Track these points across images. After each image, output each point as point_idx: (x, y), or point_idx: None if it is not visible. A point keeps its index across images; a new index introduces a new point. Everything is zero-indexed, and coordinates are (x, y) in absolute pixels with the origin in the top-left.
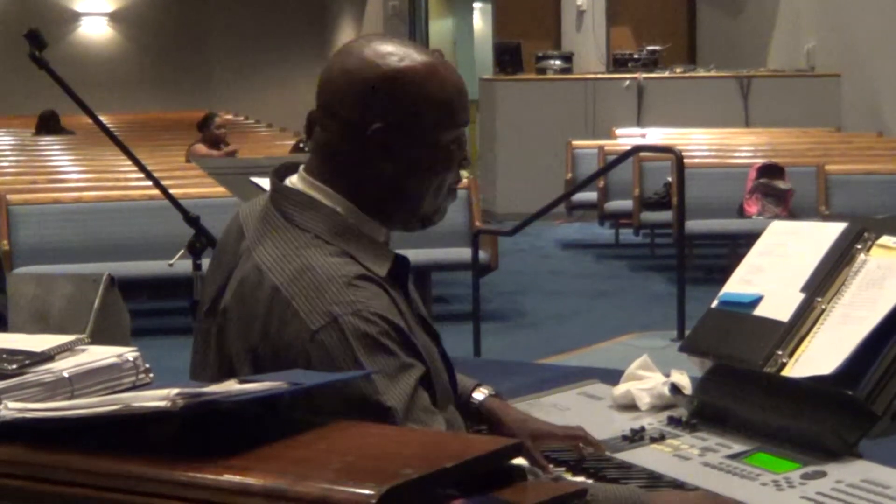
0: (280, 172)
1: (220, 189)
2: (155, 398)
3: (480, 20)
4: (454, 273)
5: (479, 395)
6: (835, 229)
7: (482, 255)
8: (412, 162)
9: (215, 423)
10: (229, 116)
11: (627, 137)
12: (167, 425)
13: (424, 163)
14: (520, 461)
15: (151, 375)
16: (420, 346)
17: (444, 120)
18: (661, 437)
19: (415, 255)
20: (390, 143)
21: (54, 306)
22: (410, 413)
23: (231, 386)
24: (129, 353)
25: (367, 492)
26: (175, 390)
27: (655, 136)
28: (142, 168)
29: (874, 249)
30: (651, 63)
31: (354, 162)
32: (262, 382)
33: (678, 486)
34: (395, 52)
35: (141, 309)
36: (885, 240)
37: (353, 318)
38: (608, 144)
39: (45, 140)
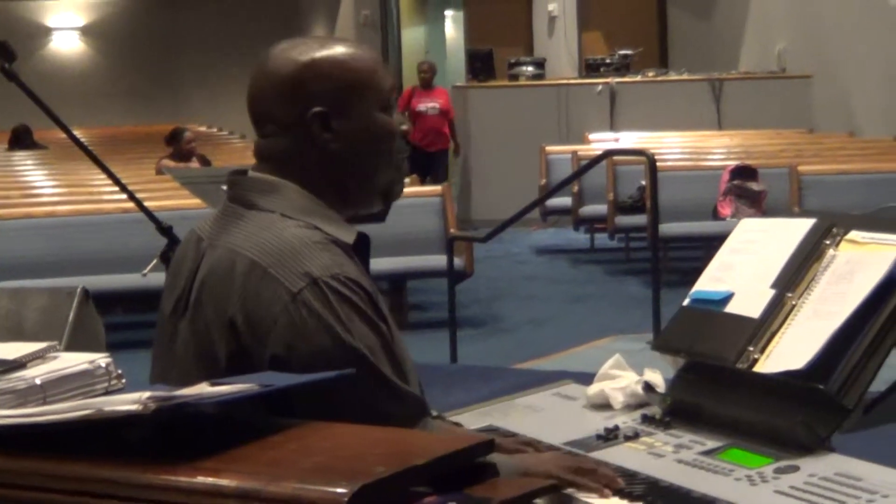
0: (235, 174)
1: (194, 200)
2: (127, 402)
3: (452, 28)
4: (430, 280)
5: None
6: (804, 225)
7: (457, 261)
8: (357, 135)
9: (187, 427)
10: (202, 129)
11: (601, 142)
12: (140, 429)
13: (368, 133)
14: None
15: (124, 381)
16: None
17: (372, 89)
18: (635, 436)
19: (390, 262)
20: (332, 123)
21: (28, 320)
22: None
23: (203, 388)
24: (101, 359)
25: (339, 490)
26: (147, 394)
27: (629, 140)
28: (112, 177)
29: (843, 244)
30: (623, 67)
31: (303, 154)
32: (234, 385)
33: (651, 483)
34: (306, 44)
35: (116, 322)
36: (854, 234)
37: (331, 280)
38: (581, 149)
39: (19, 155)
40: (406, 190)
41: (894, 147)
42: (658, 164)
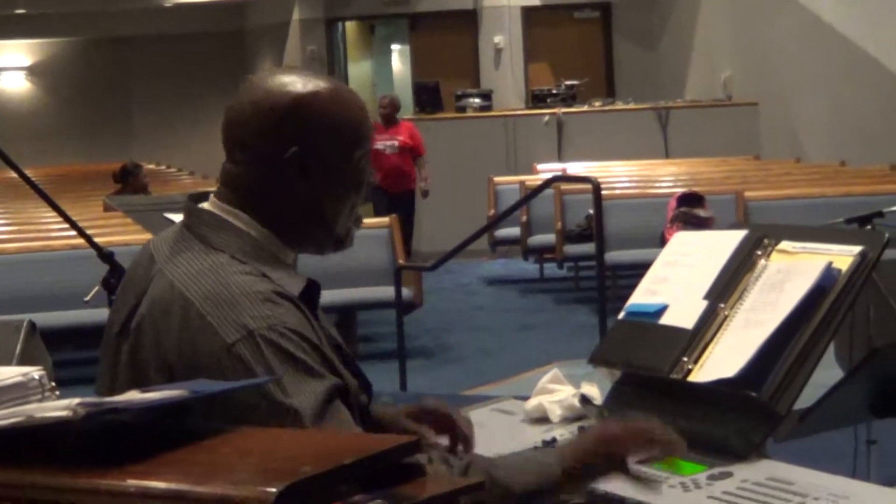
0: (194, 198)
1: (143, 236)
2: (57, 408)
3: (399, 62)
4: (380, 312)
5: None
6: (735, 237)
7: (406, 292)
8: (328, 181)
9: (120, 434)
10: (151, 166)
11: (548, 172)
12: (71, 436)
13: (339, 180)
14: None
15: (58, 394)
16: (336, 364)
17: (353, 137)
18: None
19: (339, 294)
20: (308, 165)
21: None
22: (321, 419)
23: (133, 395)
24: (34, 371)
25: (267, 489)
26: (76, 400)
27: (576, 169)
28: (50, 203)
29: (774, 254)
30: (570, 98)
31: (271, 188)
32: (164, 391)
33: (587, 492)
34: (297, 79)
35: (68, 359)
36: (785, 245)
37: (268, 332)
38: (529, 179)
39: None
40: None
41: (840, 172)
42: (606, 192)
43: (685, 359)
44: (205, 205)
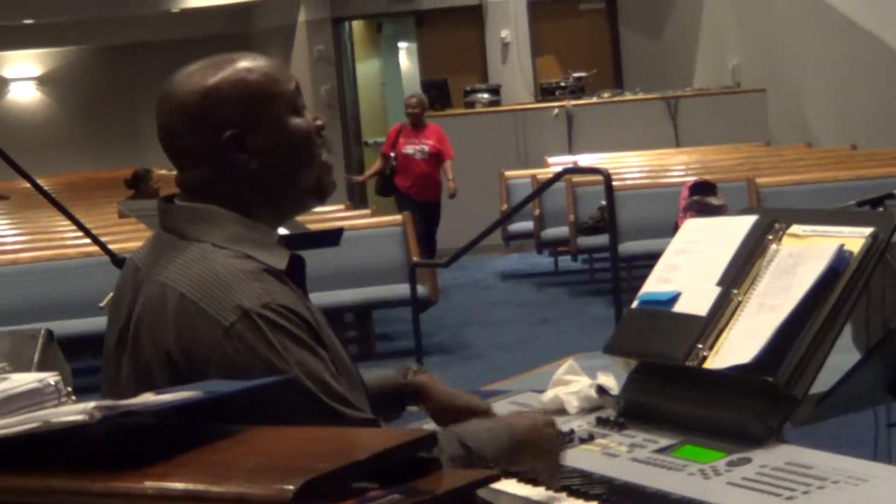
0: (165, 200)
1: None
2: (73, 412)
3: (406, 59)
4: (396, 310)
5: (409, 375)
6: (746, 222)
7: (421, 289)
8: (274, 147)
9: (136, 436)
10: (163, 171)
11: (560, 165)
12: (88, 440)
13: (284, 142)
14: None
15: (74, 399)
16: (325, 336)
17: (275, 97)
18: (590, 438)
19: (355, 293)
20: (246, 142)
21: None
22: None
23: (148, 397)
24: (50, 377)
25: (284, 487)
26: (92, 404)
27: (587, 161)
28: (67, 214)
29: (785, 238)
30: (578, 90)
31: (226, 179)
32: (178, 392)
33: (606, 482)
34: (199, 71)
35: (85, 367)
36: (796, 228)
37: (263, 310)
38: (541, 173)
39: None
40: (367, 220)
41: (851, 155)
42: (617, 183)
43: (700, 346)
44: (175, 202)
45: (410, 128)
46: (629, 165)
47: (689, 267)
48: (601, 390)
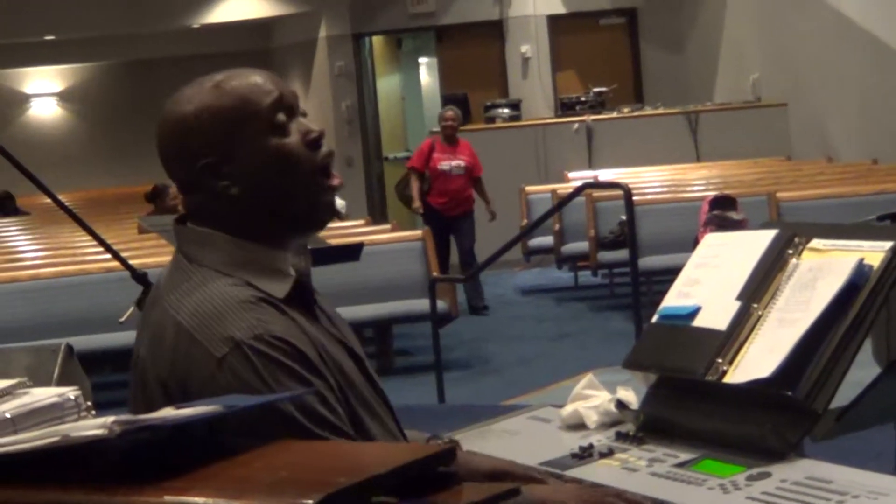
0: (180, 220)
1: None
2: (92, 427)
3: (427, 74)
4: (416, 325)
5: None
6: (766, 236)
7: (441, 304)
8: (251, 173)
9: (155, 450)
10: None
11: (580, 180)
12: (107, 454)
13: (262, 164)
14: None
15: (94, 413)
16: (330, 363)
17: (248, 118)
18: (609, 452)
19: (374, 308)
20: (223, 170)
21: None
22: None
23: (167, 412)
24: (70, 392)
25: (304, 502)
26: (111, 418)
27: (608, 176)
28: (87, 229)
29: (805, 253)
30: (598, 105)
31: (213, 206)
32: (198, 406)
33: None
34: (182, 97)
35: (105, 382)
36: (816, 242)
37: (254, 342)
38: (561, 188)
39: (2, 222)
40: (387, 236)
41: (872, 170)
42: (638, 198)
43: (720, 360)
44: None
45: (444, 143)
46: (649, 180)
47: (708, 281)
48: (621, 405)
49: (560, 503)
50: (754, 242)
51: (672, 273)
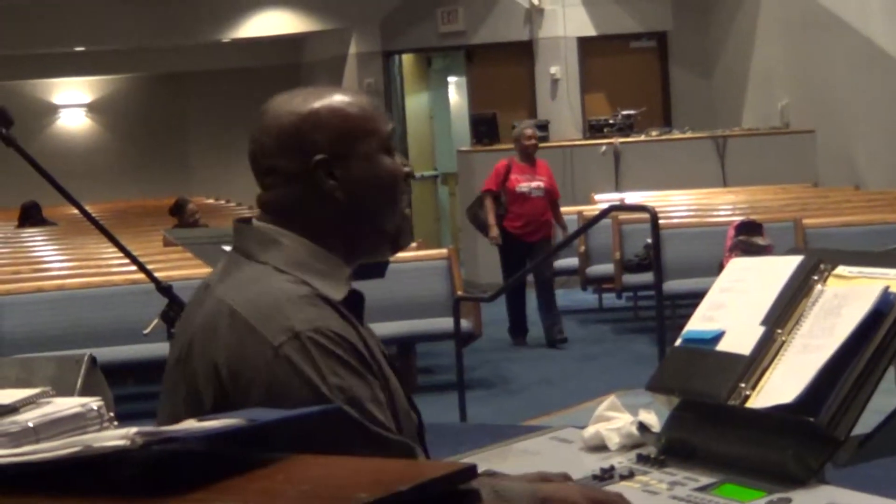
0: (241, 221)
1: (202, 270)
2: (115, 437)
3: (456, 93)
4: (439, 343)
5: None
6: (792, 262)
7: (465, 323)
8: (361, 180)
9: (178, 462)
10: (210, 200)
11: (606, 202)
12: (129, 465)
13: (372, 178)
14: None
15: (116, 424)
16: (377, 369)
17: (371, 133)
18: (630, 475)
19: (398, 326)
20: (335, 169)
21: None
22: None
23: (191, 424)
24: (93, 402)
25: None
26: (134, 429)
27: (634, 199)
28: (113, 241)
29: (830, 279)
30: (627, 127)
31: (309, 203)
32: (222, 419)
33: None
34: (302, 95)
35: (128, 394)
36: (841, 269)
37: (313, 334)
38: (587, 209)
39: (28, 232)
40: (412, 254)
41: None
42: (664, 221)
43: (742, 385)
44: (253, 223)
45: (523, 162)
46: (676, 204)
47: (733, 306)
48: (642, 427)
49: (562, 498)
50: (780, 268)
51: (697, 297)
